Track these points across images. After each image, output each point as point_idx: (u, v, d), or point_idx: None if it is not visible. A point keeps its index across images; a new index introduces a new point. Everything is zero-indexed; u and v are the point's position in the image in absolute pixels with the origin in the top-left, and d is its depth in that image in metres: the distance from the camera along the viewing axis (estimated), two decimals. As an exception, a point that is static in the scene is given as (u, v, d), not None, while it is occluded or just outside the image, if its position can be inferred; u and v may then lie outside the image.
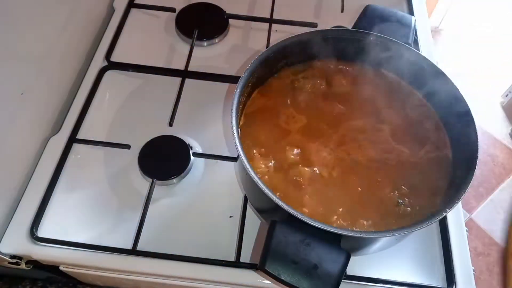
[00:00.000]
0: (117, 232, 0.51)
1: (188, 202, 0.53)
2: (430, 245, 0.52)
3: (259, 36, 0.69)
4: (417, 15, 0.74)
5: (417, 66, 0.51)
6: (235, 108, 0.44)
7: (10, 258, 0.50)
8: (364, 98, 0.53)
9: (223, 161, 0.56)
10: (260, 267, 0.37)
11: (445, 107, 0.50)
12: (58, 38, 0.59)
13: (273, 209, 0.41)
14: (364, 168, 0.48)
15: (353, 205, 0.45)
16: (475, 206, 1.48)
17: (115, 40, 0.67)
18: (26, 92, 0.53)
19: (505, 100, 1.72)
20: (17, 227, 0.50)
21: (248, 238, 0.50)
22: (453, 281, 0.49)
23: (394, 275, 0.49)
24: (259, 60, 0.48)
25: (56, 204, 0.52)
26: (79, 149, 0.57)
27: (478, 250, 1.39)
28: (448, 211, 0.39)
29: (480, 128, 1.62)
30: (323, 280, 0.36)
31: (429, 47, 0.70)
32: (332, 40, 0.52)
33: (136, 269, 0.49)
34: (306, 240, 0.37)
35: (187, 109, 0.61)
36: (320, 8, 0.75)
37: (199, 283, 0.50)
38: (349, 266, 0.38)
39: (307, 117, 0.51)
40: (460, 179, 0.42)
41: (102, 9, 0.72)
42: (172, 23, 0.69)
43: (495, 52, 1.90)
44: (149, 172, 0.54)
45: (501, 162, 1.57)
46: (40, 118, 0.58)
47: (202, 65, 0.65)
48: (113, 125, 0.59)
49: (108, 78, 0.64)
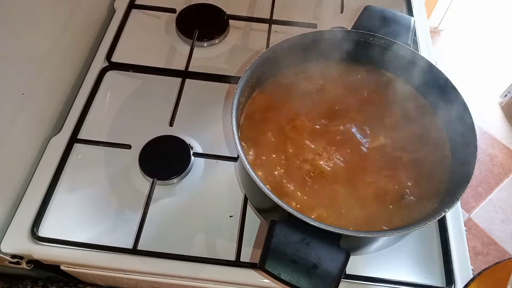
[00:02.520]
0: (118, 231, 0.51)
1: (189, 201, 0.54)
2: (429, 245, 0.52)
3: (259, 36, 0.70)
4: (416, 15, 0.74)
5: (417, 66, 0.51)
6: (235, 108, 0.44)
7: (11, 257, 0.51)
8: (364, 98, 0.54)
9: (223, 161, 0.57)
10: (260, 266, 0.37)
11: (444, 107, 0.50)
12: (59, 39, 0.59)
13: (273, 209, 0.41)
14: (365, 168, 0.48)
15: (353, 205, 0.46)
16: (474, 206, 1.48)
17: (116, 40, 0.68)
18: (27, 92, 0.53)
19: (504, 100, 1.73)
20: (18, 227, 0.51)
21: (248, 238, 0.51)
22: (452, 280, 0.49)
23: (394, 274, 0.50)
24: (259, 61, 0.49)
25: (57, 204, 0.53)
26: (80, 149, 0.57)
27: (477, 250, 1.39)
28: (447, 210, 0.39)
29: (479, 128, 1.63)
30: (322, 279, 0.36)
31: (428, 48, 0.71)
32: (331, 40, 0.52)
33: (137, 269, 0.49)
34: (306, 240, 0.37)
35: (187, 109, 0.61)
36: (320, 9, 0.75)
37: (200, 283, 0.50)
38: (349, 265, 0.38)
39: (307, 117, 0.51)
40: (459, 178, 0.43)
41: (103, 10, 0.73)
42: (173, 23, 0.70)
43: (494, 53, 1.91)
44: (150, 172, 0.54)
45: (500, 162, 1.58)
46: (41, 118, 0.58)
47: (202, 66, 0.66)
48: (114, 125, 0.60)
49: (109, 79, 0.64)
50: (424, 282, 0.49)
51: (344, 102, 0.53)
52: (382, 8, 0.54)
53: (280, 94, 0.53)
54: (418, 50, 0.69)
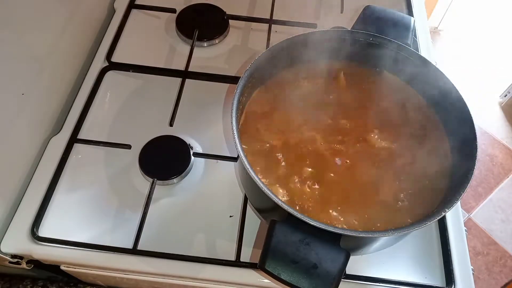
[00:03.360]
0: (118, 231, 0.51)
1: (189, 201, 0.54)
2: (429, 245, 0.52)
3: (259, 36, 0.70)
4: (416, 15, 0.74)
5: (416, 66, 0.51)
6: (235, 108, 0.44)
7: (11, 257, 0.51)
8: (364, 98, 0.54)
9: (223, 161, 0.57)
10: (260, 266, 0.37)
11: (444, 107, 0.50)
12: (59, 39, 0.59)
13: (273, 209, 0.41)
14: (365, 168, 0.48)
15: (353, 204, 0.46)
16: (474, 206, 1.48)
17: (116, 40, 0.68)
18: (27, 92, 0.53)
19: (504, 100, 1.73)
20: (18, 227, 0.51)
21: (248, 238, 0.51)
22: (452, 280, 0.49)
23: (394, 274, 0.50)
24: (259, 61, 0.49)
25: (57, 204, 0.53)
26: (80, 149, 0.57)
27: (477, 250, 1.39)
28: (447, 210, 0.39)
29: (479, 128, 1.63)
30: (322, 279, 0.36)
31: (428, 48, 0.71)
32: (331, 41, 0.52)
33: (137, 269, 0.49)
34: (306, 240, 0.37)
35: (187, 109, 0.61)
36: (320, 9, 0.75)
37: (200, 283, 0.50)
38: (349, 265, 0.38)
39: (307, 117, 0.51)
40: (459, 179, 0.43)
41: (103, 10, 0.73)
42: (173, 23, 0.70)
43: (494, 53, 1.91)
44: (150, 172, 0.54)
45: (500, 162, 1.58)
46: (41, 118, 0.58)
47: (202, 66, 0.66)
48: (114, 125, 0.60)
49: (109, 79, 0.64)
50: (424, 282, 0.49)
51: (344, 102, 0.53)
52: (382, 8, 0.54)
53: (280, 94, 0.53)
54: (418, 50, 0.69)
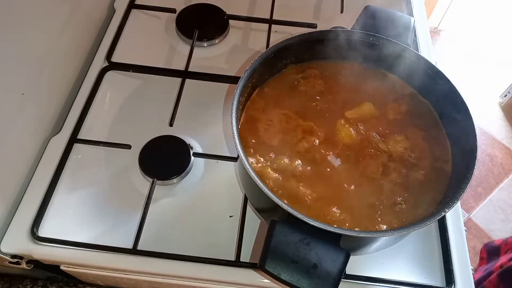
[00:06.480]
0: (118, 231, 0.51)
1: (188, 201, 0.54)
2: (429, 245, 0.52)
3: (259, 36, 0.70)
4: (416, 15, 0.74)
5: (416, 66, 0.51)
6: (235, 108, 0.44)
7: (11, 257, 0.51)
8: (364, 98, 0.53)
9: (223, 161, 0.57)
10: (260, 266, 0.37)
11: (444, 107, 0.50)
12: (58, 39, 0.59)
13: (273, 209, 0.41)
14: (365, 168, 0.48)
15: (351, 204, 0.46)
16: (474, 206, 1.48)
17: (116, 40, 0.68)
18: (27, 92, 0.53)
19: (504, 100, 1.73)
20: (18, 227, 0.51)
21: (248, 238, 0.51)
22: (452, 280, 0.49)
23: (393, 274, 0.50)
24: (259, 61, 0.49)
25: (57, 204, 0.53)
26: (80, 149, 0.57)
27: (477, 250, 1.39)
28: (447, 210, 0.39)
29: (479, 128, 1.63)
30: (322, 279, 0.36)
31: (428, 48, 0.71)
32: (331, 40, 0.52)
33: (137, 268, 0.49)
34: (306, 240, 0.37)
35: (187, 109, 0.61)
36: (320, 9, 0.75)
37: (200, 282, 0.50)
38: (349, 265, 0.38)
39: (307, 117, 0.51)
40: (459, 179, 0.43)
41: (103, 10, 0.73)
42: (173, 23, 0.70)
43: (494, 53, 1.91)
44: (150, 172, 0.54)
45: (499, 162, 1.58)
46: (41, 118, 0.58)
47: (202, 66, 0.66)
48: (114, 125, 0.60)
49: (108, 79, 0.64)
50: (424, 282, 0.49)
51: (344, 102, 0.53)
52: (382, 8, 0.54)
53: (280, 94, 0.53)
54: (418, 50, 0.69)
